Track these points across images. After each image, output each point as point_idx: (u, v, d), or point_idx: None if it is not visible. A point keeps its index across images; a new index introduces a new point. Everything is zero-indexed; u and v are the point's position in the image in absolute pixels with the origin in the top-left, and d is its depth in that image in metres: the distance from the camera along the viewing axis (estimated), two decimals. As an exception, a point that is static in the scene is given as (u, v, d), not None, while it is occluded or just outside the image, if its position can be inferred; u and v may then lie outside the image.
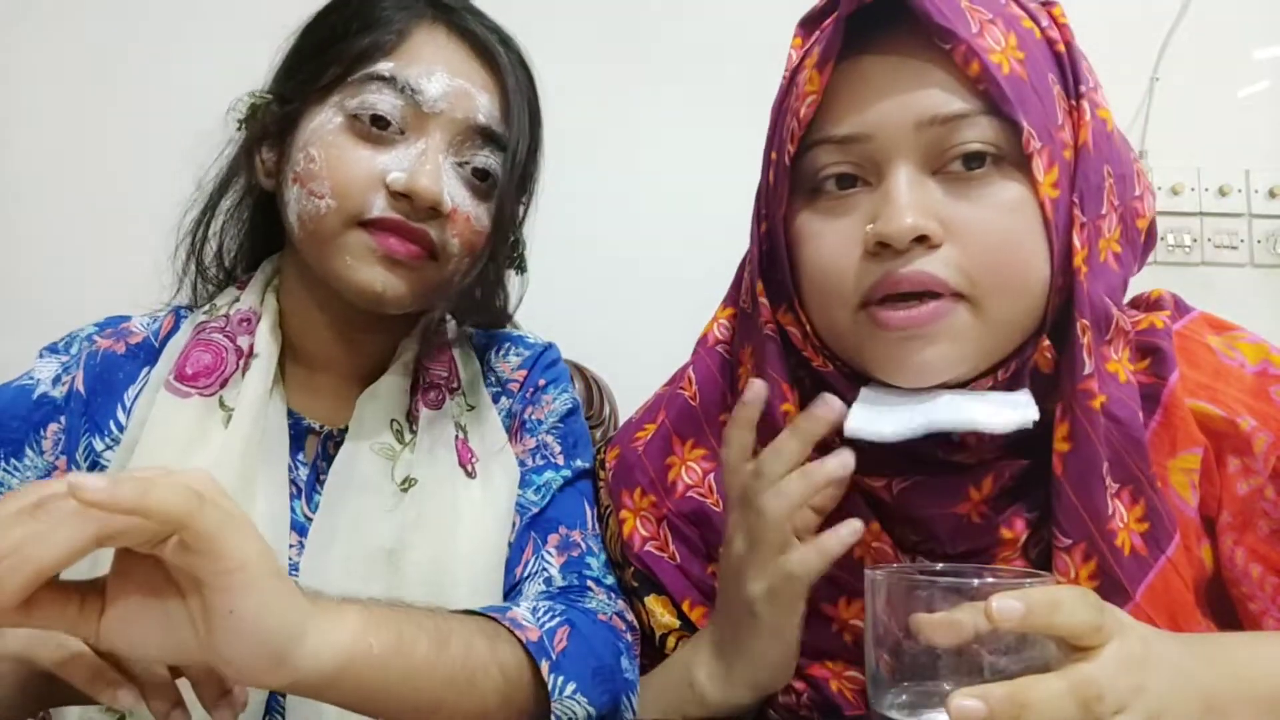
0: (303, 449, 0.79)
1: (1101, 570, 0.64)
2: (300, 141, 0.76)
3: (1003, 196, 0.63)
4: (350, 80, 0.75)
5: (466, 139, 0.77)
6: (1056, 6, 0.68)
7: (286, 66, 0.81)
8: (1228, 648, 0.61)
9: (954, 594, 0.52)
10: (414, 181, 0.73)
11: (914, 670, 0.53)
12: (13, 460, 0.74)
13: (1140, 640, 0.53)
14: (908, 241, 0.61)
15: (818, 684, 0.72)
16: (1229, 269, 1.59)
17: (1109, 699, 0.49)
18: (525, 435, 0.84)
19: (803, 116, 0.65)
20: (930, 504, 0.68)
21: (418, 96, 0.75)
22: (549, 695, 0.64)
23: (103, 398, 0.77)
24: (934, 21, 0.61)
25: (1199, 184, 1.58)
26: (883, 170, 0.64)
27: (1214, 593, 0.69)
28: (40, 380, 0.77)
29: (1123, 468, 0.65)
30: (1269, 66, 1.60)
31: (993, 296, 0.63)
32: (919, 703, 0.53)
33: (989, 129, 0.62)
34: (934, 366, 0.64)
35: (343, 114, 0.75)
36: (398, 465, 0.77)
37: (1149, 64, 1.54)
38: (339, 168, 0.74)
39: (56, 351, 0.80)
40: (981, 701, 0.47)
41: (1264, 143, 1.59)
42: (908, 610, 0.53)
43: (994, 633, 0.50)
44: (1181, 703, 0.53)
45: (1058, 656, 0.51)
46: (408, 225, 0.74)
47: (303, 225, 0.76)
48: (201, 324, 0.80)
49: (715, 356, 0.80)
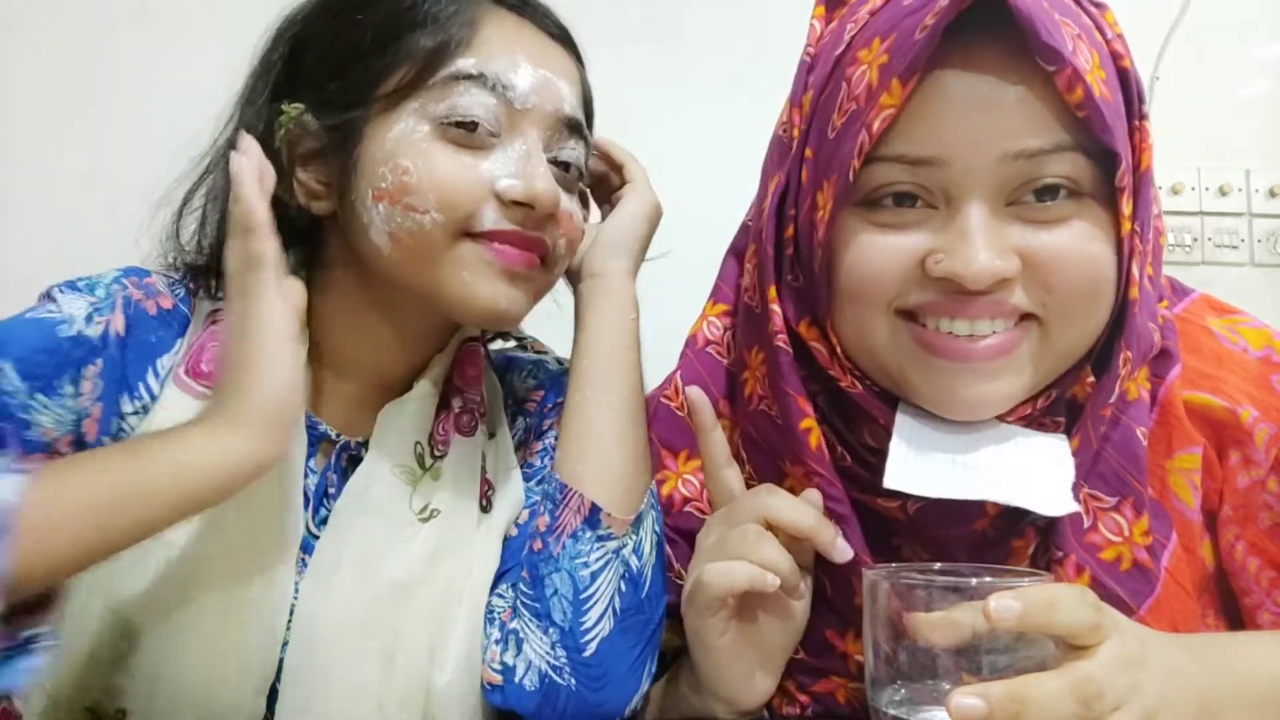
0: (315, 455, 0.74)
1: (1096, 583, 0.63)
2: (379, 155, 0.69)
3: (1082, 228, 0.58)
4: (430, 83, 0.69)
5: (555, 132, 0.73)
6: (1109, 11, 0.63)
7: (314, 70, 0.73)
8: (1223, 648, 0.61)
9: (952, 593, 0.52)
10: (531, 188, 0.68)
11: (912, 669, 0.53)
12: (40, 396, 0.65)
13: (1137, 640, 0.53)
14: (986, 284, 0.57)
15: (822, 698, 0.72)
16: (1229, 269, 1.59)
17: (1108, 697, 0.49)
18: (534, 440, 0.82)
19: (875, 130, 0.57)
20: (948, 523, 0.66)
21: (509, 93, 0.69)
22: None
23: (135, 353, 0.70)
24: (1040, 39, 0.54)
25: (1199, 184, 1.58)
26: (953, 199, 0.58)
27: (1223, 588, 0.69)
28: (72, 316, 0.67)
29: (1120, 482, 0.64)
30: (1269, 66, 1.60)
31: (1064, 323, 0.60)
32: (918, 701, 0.53)
33: (1071, 164, 0.57)
34: (992, 402, 0.61)
35: (428, 121, 0.68)
36: (417, 492, 0.73)
37: (1149, 64, 1.54)
38: (442, 178, 0.68)
39: (78, 290, 0.70)
40: (981, 699, 0.47)
41: (1264, 143, 1.59)
42: (906, 610, 0.53)
43: (992, 632, 0.50)
44: (1178, 702, 0.53)
45: (1055, 655, 0.51)
46: (525, 235, 0.70)
47: (398, 243, 0.69)
48: (217, 314, 0.74)
49: (706, 359, 0.78)
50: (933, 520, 0.66)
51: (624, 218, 0.82)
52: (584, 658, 0.68)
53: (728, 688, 0.67)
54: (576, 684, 0.67)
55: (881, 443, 0.64)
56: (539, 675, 0.68)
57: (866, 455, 0.67)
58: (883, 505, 0.67)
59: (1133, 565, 0.63)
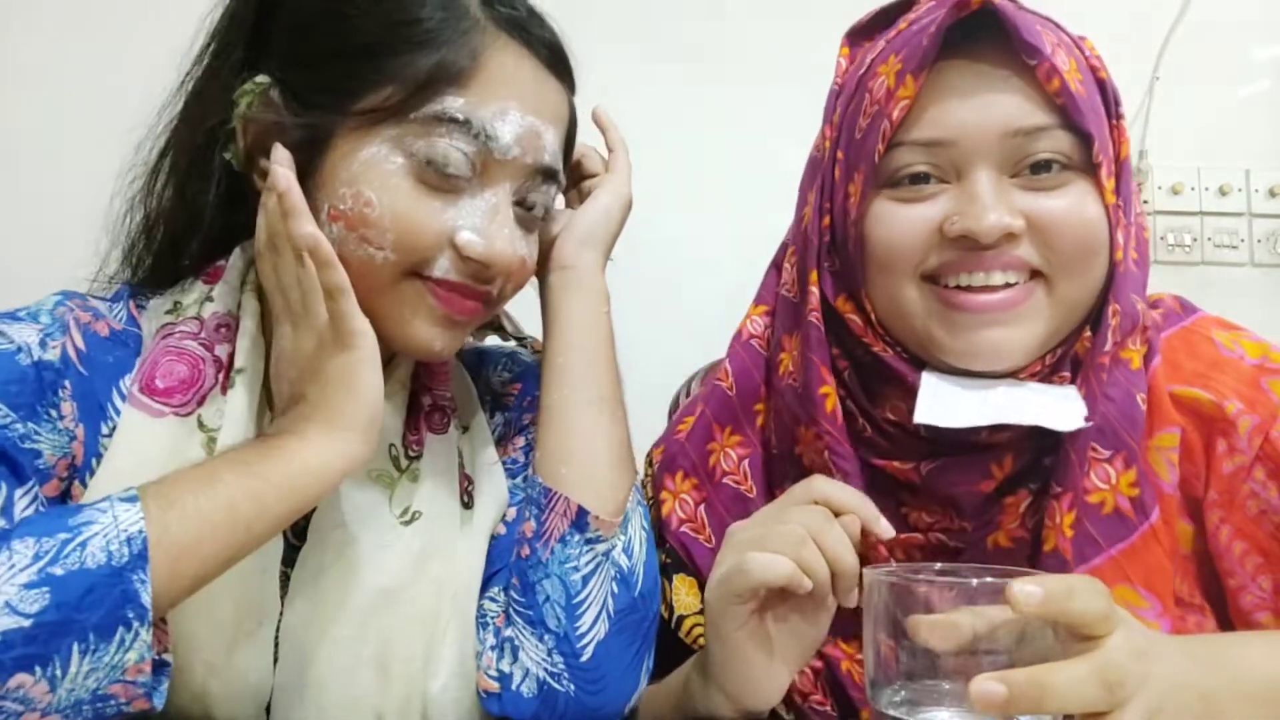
0: None
1: (1080, 520, 0.69)
2: (344, 175, 0.66)
3: (1075, 194, 0.68)
4: (415, 116, 0.65)
5: (529, 180, 0.71)
6: (1088, 41, 0.74)
7: (288, 51, 0.69)
8: (1224, 647, 0.62)
9: (952, 594, 0.52)
10: (490, 249, 0.67)
11: (912, 669, 0.53)
12: (30, 424, 0.63)
13: (1143, 634, 0.54)
14: (996, 237, 0.66)
15: (830, 661, 0.74)
16: (1229, 269, 1.59)
17: (1129, 684, 0.50)
18: (516, 436, 0.80)
19: (894, 118, 0.68)
20: (959, 482, 0.71)
21: (491, 144, 0.67)
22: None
23: (97, 373, 0.67)
24: (1022, 38, 0.65)
25: (1199, 184, 1.58)
26: (963, 172, 0.68)
27: (1207, 570, 0.71)
28: (27, 343, 0.64)
29: (1116, 437, 0.70)
30: (1269, 66, 1.60)
31: (1067, 277, 0.68)
32: (918, 701, 0.53)
33: (1062, 140, 0.67)
34: (1010, 350, 0.68)
35: (403, 154, 0.66)
36: (396, 495, 0.71)
37: (1149, 64, 1.54)
38: (405, 221, 0.65)
39: (20, 320, 0.66)
40: (1002, 684, 0.48)
41: (1264, 143, 1.59)
42: (906, 610, 0.53)
43: (992, 633, 0.50)
44: (1179, 699, 0.53)
45: (1056, 652, 0.51)
46: (472, 289, 0.69)
47: (345, 266, 0.64)
48: (168, 327, 0.70)
49: (750, 350, 0.84)
50: (944, 480, 0.71)
51: (598, 210, 0.79)
52: (581, 662, 0.67)
53: (734, 682, 0.68)
54: (575, 689, 0.67)
55: (902, 415, 0.71)
56: (537, 682, 0.67)
57: (887, 427, 0.73)
58: (898, 468, 0.73)
59: (1114, 511, 0.69)
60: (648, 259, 1.41)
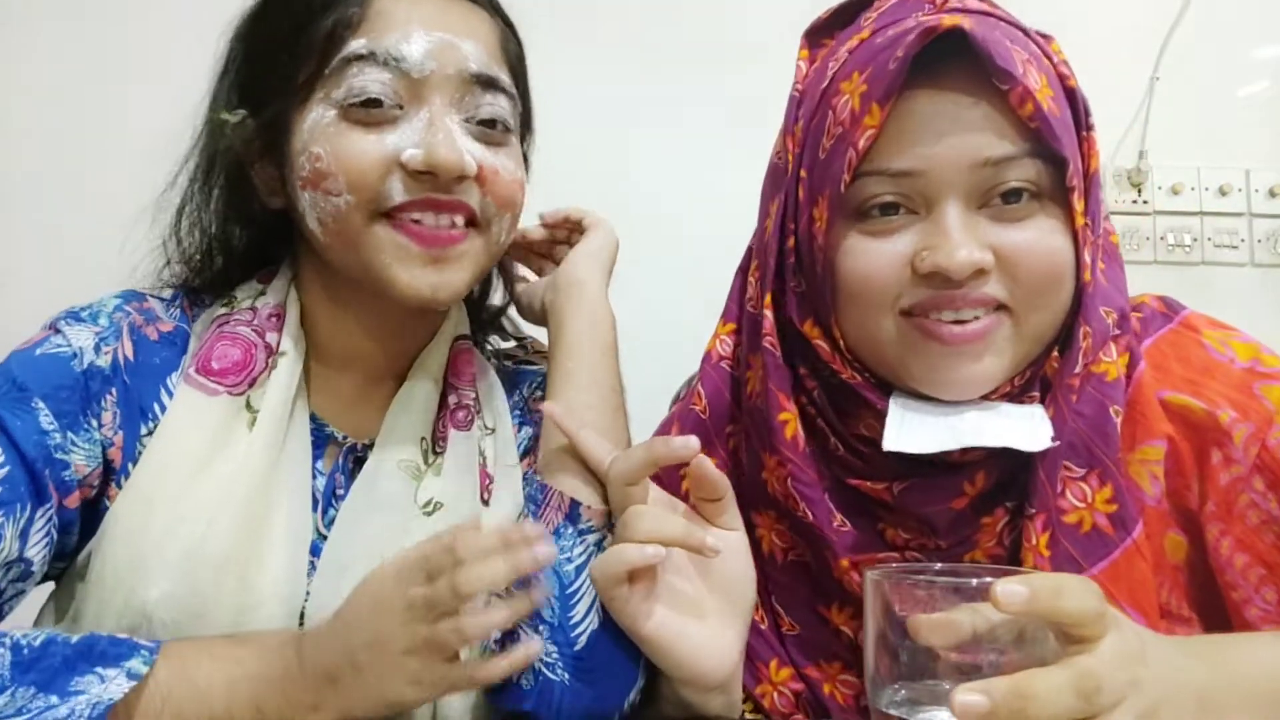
0: (322, 457, 0.76)
1: (1056, 541, 0.68)
2: (298, 146, 0.71)
3: (1043, 225, 0.66)
4: (328, 70, 0.71)
5: (465, 92, 0.73)
6: (1054, 41, 0.71)
7: (249, 72, 0.76)
8: (1221, 647, 0.62)
9: (952, 593, 0.52)
10: (433, 155, 0.69)
11: (912, 669, 0.53)
12: (69, 434, 0.67)
13: (1136, 636, 0.53)
14: (967, 274, 0.64)
15: (810, 683, 0.73)
16: (1229, 269, 1.59)
17: (1107, 691, 0.49)
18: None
19: (861, 148, 0.66)
20: (931, 501, 0.70)
21: (403, 64, 0.70)
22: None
23: (144, 378, 0.72)
24: (995, 64, 0.63)
25: (1199, 184, 1.58)
26: (932, 203, 0.66)
27: (1198, 582, 0.70)
28: (81, 349, 0.70)
29: (1089, 454, 0.69)
30: (1269, 66, 1.60)
31: (1033, 310, 0.67)
32: (918, 701, 0.53)
33: (1031, 168, 0.65)
34: (979, 380, 0.67)
35: (334, 106, 0.70)
36: (422, 487, 0.74)
37: (1149, 64, 1.55)
38: (347, 158, 0.69)
39: (82, 320, 0.72)
40: (984, 695, 0.47)
41: (1264, 143, 1.59)
42: (906, 610, 0.53)
43: (992, 632, 0.50)
44: (1176, 700, 0.53)
45: (1056, 651, 0.51)
46: (437, 200, 0.71)
47: (326, 228, 0.72)
48: (223, 316, 0.76)
49: (720, 372, 0.82)
50: (916, 499, 0.70)
51: (594, 243, 0.86)
52: (575, 651, 0.68)
53: (684, 669, 0.68)
54: (570, 678, 0.67)
55: (874, 433, 0.69)
56: (533, 672, 0.68)
57: (859, 445, 0.72)
58: (870, 488, 0.71)
59: (1092, 529, 0.68)
60: (648, 259, 1.42)
